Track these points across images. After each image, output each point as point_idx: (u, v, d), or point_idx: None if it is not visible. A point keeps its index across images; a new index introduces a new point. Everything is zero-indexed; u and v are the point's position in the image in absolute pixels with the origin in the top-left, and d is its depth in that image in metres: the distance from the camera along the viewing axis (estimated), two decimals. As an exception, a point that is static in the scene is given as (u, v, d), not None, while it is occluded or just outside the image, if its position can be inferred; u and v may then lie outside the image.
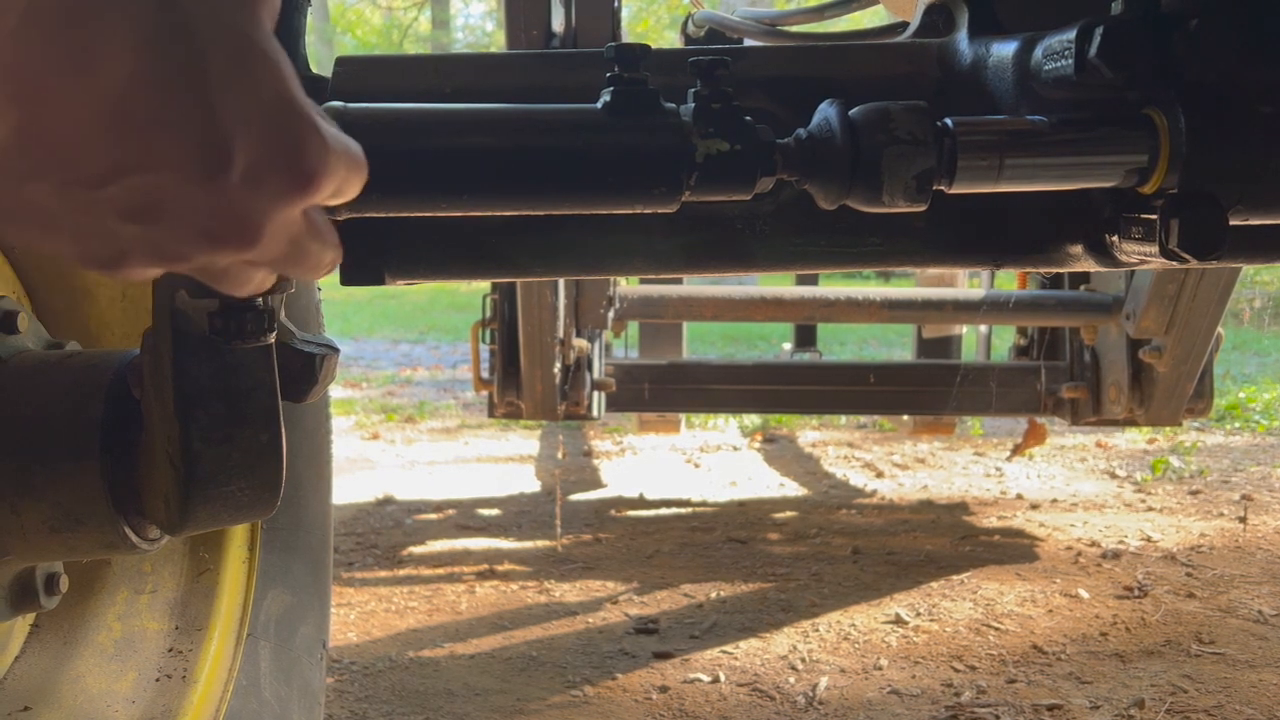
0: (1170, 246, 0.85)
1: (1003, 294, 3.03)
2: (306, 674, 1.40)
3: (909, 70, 1.05)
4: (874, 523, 3.44)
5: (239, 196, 0.50)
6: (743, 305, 3.01)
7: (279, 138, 0.50)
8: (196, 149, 0.48)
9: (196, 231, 0.51)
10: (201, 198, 0.49)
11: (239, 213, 0.51)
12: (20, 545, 0.92)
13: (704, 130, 0.81)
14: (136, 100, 0.46)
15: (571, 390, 2.88)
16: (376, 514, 3.58)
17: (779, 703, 2.08)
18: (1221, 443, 4.90)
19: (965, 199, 0.91)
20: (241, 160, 0.49)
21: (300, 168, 0.51)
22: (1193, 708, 2.03)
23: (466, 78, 1.03)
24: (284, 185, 0.51)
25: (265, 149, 0.50)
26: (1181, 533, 3.29)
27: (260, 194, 0.51)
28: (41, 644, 1.14)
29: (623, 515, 3.57)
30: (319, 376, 0.90)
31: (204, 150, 0.48)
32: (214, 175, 0.48)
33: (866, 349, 8.69)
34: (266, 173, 0.50)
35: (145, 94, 0.46)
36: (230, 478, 0.84)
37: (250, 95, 0.49)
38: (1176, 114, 0.86)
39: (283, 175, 0.51)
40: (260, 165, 0.50)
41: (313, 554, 1.45)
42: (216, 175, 0.48)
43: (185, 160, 0.48)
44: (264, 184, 0.50)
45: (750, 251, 1.03)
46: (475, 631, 2.47)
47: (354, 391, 6.61)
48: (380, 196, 0.79)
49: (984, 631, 2.43)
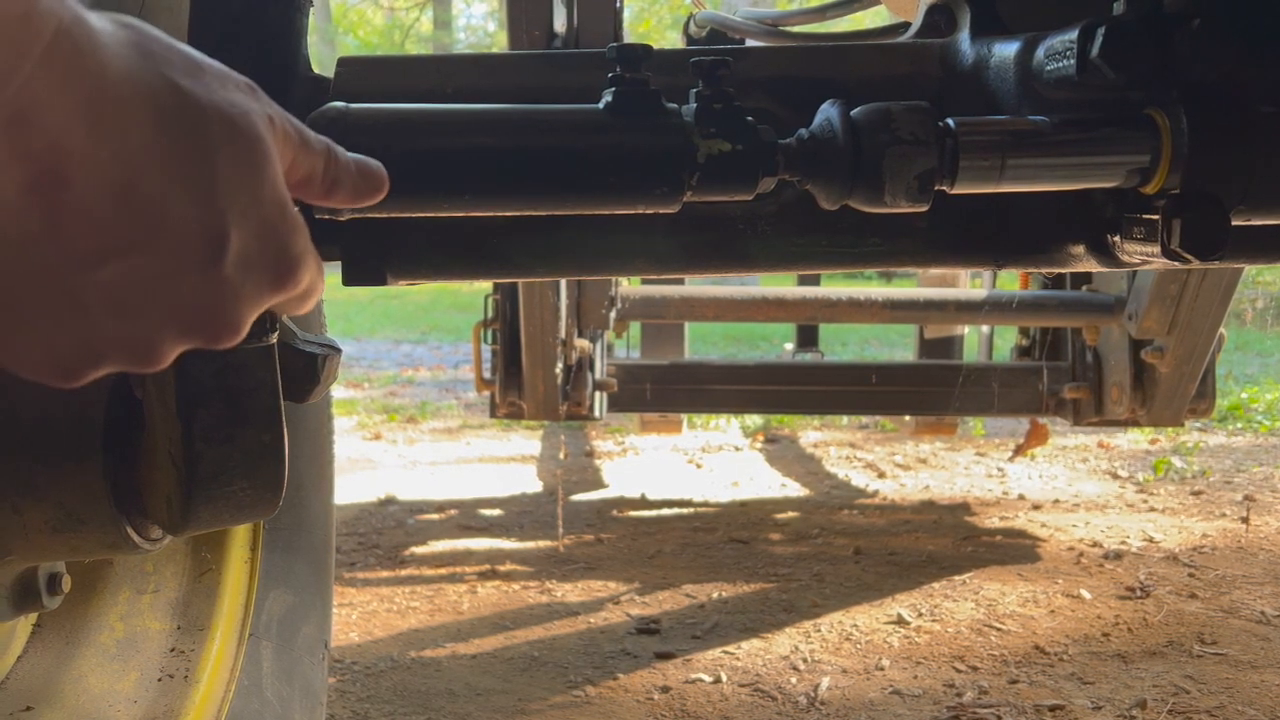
0: (1172, 247, 0.85)
1: (1005, 294, 3.03)
2: (308, 674, 1.40)
3: (911, 70, 1.05)
4: (876, 523, 3.44)
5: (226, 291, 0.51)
6: (744, 305, 3.01)
7: (270, 238, 0.52)
8: (198, 235, 0.48)
9: (182, 325, 0.51)
10: (192, 289, 0.49)
11: (223, 307, 0.52)
12: (22, 545, 0.92)
13: (706, 130, 0.81)
14: (148, 178, 0.46)
15: (573, 390, 2.89)
16: (378, 514, 3.59)
17: (781, 703, 2.08)
18: (1224, 443, 4.90)
19: (967, 199, 0.91)
20: (235, 253, 0.50)
21: (284, 266, 0.53)
22: (1195, 708, 2.02)
23: (468, 78, 1.03)
24: (267, 281, 0.53)
25: (256, 246, 0.51)
26: (1184, 533, 3.29)
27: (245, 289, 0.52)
28: (44, 644, 1.14)
29: (625, 515, 3.57)
30: (321, 377, 0.90)
31: (205, 238, 0.49)
32: (209, 263, 0.49)
33: (868, 349, 8.69)
34: (253, 268, 0.52)
35: (156, 173, 0.46)
36: (232, 478, 0.84)
37: (252, 192, 0.50)
38: (1178, 114, 0.86)
39: (268, 272, 0.53)
40: (249, 261, 0.51)
41: (315, 554, 1.45)
42: (211, 265, 0.49)
43: (185, 245, 0.48)
44: (249, 278, 0.52)
45: (752, 252, 1.03)
46: (477, 631, 2.47)
47: (356, 392, 6.61)
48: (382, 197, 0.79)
49: (986, 632, 2.43)
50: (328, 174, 0.59)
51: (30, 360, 0.49)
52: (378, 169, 0.64)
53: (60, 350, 0.49)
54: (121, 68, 0.45)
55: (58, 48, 0.42)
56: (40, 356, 0.49)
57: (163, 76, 0.47)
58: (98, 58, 0.44)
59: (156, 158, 0.46)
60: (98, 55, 0.44)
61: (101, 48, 0.44)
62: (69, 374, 0.50)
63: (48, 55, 0.42)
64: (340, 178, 0.61)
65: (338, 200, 0.62)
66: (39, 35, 0.41)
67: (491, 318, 2.80)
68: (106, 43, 0.45)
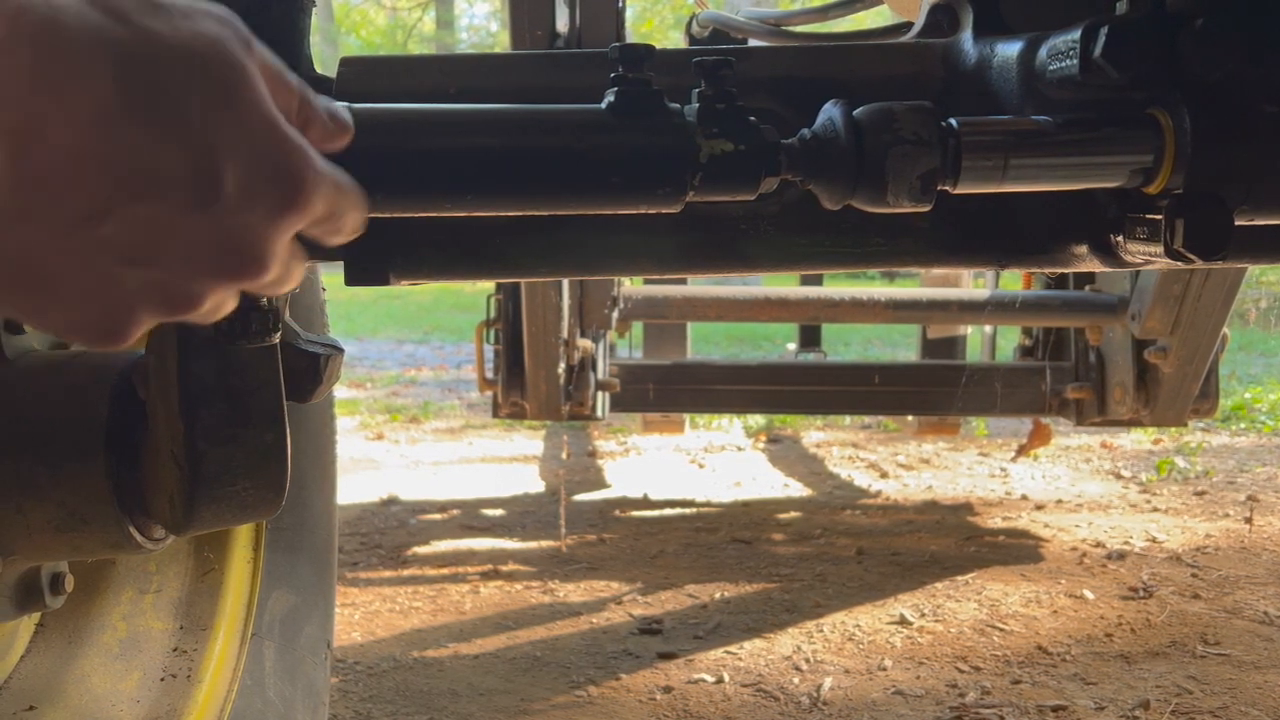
0: (1175, 247, 0.85)
1: (1007, 294, 3.03)
2: (311, 674, 1.40)
3: (913, 70, 1.05)
4: (878, 523, 3.44)
5: (236, 222, 0.50)
6: (747, 305, 3.01)
7: (266, 161, 0.51)
8: (186, 175, 0.48)
9: (204, 265, 0.51)
10: (199, 228, 0.49)
11: (241, 239, 0.51)
12: (26, 545, 0.92)
13: (708, 130, 0.81)
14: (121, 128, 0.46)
15: (576, 390, 2.89)
16: (381, 514, 3.59)
17: (783, 703, 2.07)
18: (1227, 443, 4.89)
19: (970, 199, 0.91)
20: (231, 185, 0.50)
21: (289, 186, 0.52)
22: (1198, 709, 2.02)
23: (471, 78, 1.03)
24: (276, 205, 0.52)
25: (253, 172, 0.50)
26: (1187, 534, 3.28)
27: (255, 217, 0.51)
28: (47, 643, 1.14)
29: (627, 515, 3.57)
30: (323, 376, 0.90)
31: (193, 177, 0.48)
32: (207, 202, 0.49)
33: (871, 349, 8.69)
34: (257, 194, 0.51)
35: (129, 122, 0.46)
36: (235, 478, 0.84)
37: (235, 119, 0.50)
38: (1182, 114, 0.86)
39: (273, 195, 0.52)
40: (250, 188, 0.50)
41: (317, 554, 1.45)
42: (209, 202, 0.49)
43: (176, 188, 0.48)
44: (256, 206, 0.51)
45: (754, 252, 1.03)
46: (479, 631, 2.47)
47: (358, 392, 6.62)
48: (385, 197, 0.79)
49: (988, 632, 2.43)
50: (302, 111, 0.59)
51: (71, 324, 0.50)
52: (344, 113, 0.64)
53: (94, 310, 0.49)
54: (83, 27, 0.45)
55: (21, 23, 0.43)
56: (78, 319, 0.50)
57: (120, 22, 0.47)
58: (60, 24, 0.44)
59: (131, 109, 0.46)
60: (59, 22, 0.44)
61: (62, 13, 0.45)
62: (111, 332, 0.51)
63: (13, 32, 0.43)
64: (312, 117, 0.60)
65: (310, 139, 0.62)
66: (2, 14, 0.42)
67: (494, 318, 2.80)
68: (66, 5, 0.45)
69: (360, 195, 0.61)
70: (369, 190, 0.73)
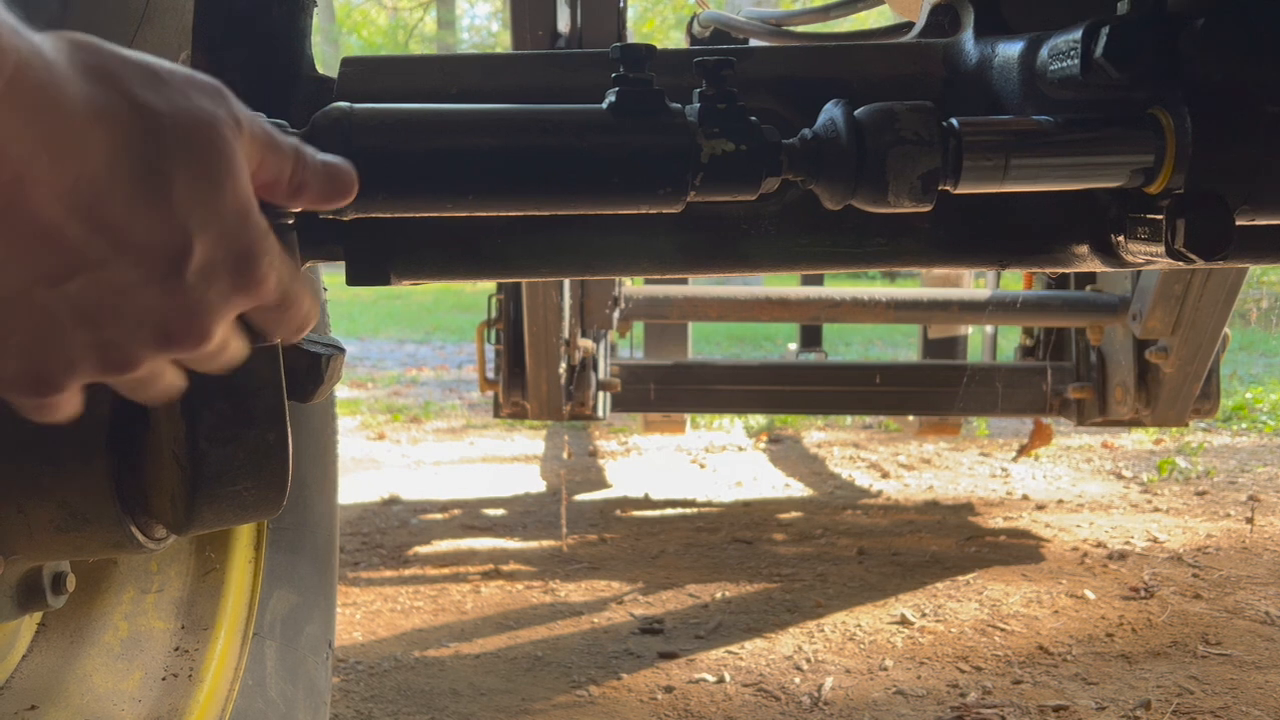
0: (1176, 246, 0.85)
1: (1009, 294, 3.03)
2: (312, 673, 1.40)
3: (914, 70, 1.05)
4: (879, 523, 3.44)
5: (192, 296, 0.52)
6: (748, 305, 3.01)
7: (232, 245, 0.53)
8: (157, 250, 0.49)
9: (150, 333, 0.52)
10: (155, 298, 0.50)
11: (190, 313, 0.52)
12: (27, 544, 0.92)
13: (709, 130, 0.81)
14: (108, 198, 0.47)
15: (577, 390, 2.89)
16: (382, 514, 3.59)
17: (784, 703, 2.07)
18: (1228, 443, 4.89)
19: (971, 199, 0.91)
20: (198, 261, 0.51)
21: (246, 271, 0.54)
22: (1199, 709, 2.02)
23: (472, 78, 1.03)
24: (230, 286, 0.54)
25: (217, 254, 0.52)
26: (1188, 534, 3.28)
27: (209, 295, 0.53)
28: (48, 643, 1.14)
29: (628, 515, 3.57)
30: (325, 376, 0.90)
31: (164, 251, 0.49)
32: (172, 274, 0.50)
33: (872, 349, 8.68)
34: (216, 275, 0.52)
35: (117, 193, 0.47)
36: (236, 477, 0.84)
37: (213, 202, 0.51)
38: (1182, 114, 0.86)
39: (229, 278, 0.53)
40: (211, 268, 0.52)
41: (318, 554, 1.45)
42: (174, 274, 0.50)
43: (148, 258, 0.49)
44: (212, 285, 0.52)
45: (755, 252, 1.03)
46: (480, 631, 2.47)
47: (360, 392, 6.62)
48: (386, 197, 0.79)
49: (989, 632, 2.43)
50: (294, 177, 0.60)
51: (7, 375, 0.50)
52: (346, 171, 0.64)
53: (35, 362, 0.50)
54: (79, 93, 0.46)
55: (17, 82, 0.43)
56: (16, 370, 0.50)
57: (121, 96, 0.48)
58: (56, 87, 0.45)
59: (117, 179, 0.47)
60: (56, 85, 0.45)
61: (59, 77, 0.45)
62: (46, 386, 0.51)
63: (9, 91, 0.43)
64: (307, 180, 0.61)
65: (304, 202, 0.62)
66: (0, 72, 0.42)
67: (495, 318, 2.80)
68: (64, 71, 0.46)
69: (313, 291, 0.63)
70: (370, 190, 0.73)
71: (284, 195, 0.60)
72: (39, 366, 0.50)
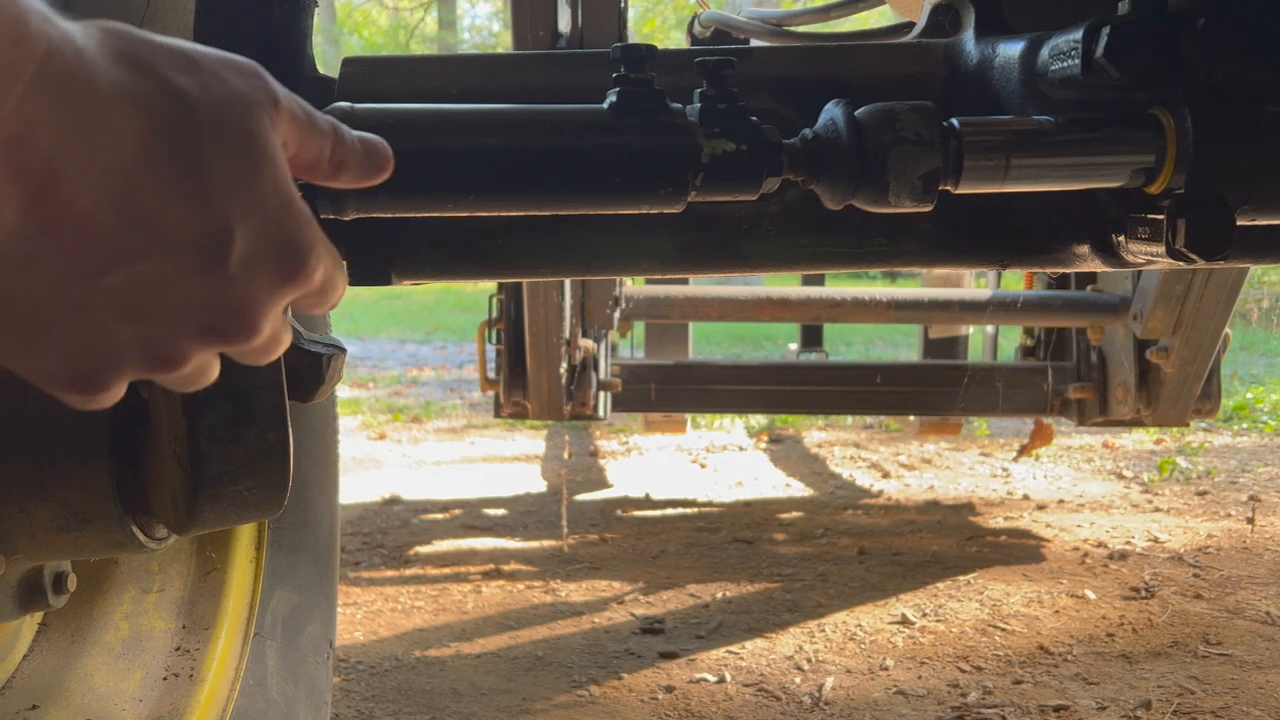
0: (1177, 246, 0.85)
1: (1009, 294, 3.03)
2: (313, 673, 1.40)
3: (915, 70, 1.05)
4: (880, 523, 3.44)
5: (237, 289, 0.50)
6: (749, 306, 3.01)
7: (275, 232, 0.51)
8: (197, 238, 0.48)
9: (197, 327, 0.50)
10: (199, 290, 0.49)
11: (237, 306, 0.51)
12: (28, 544, 0.92)
13: (710, 130, 0.81)
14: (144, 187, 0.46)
15: (577, 390, 2.89)
16: (383, 514, 3.59)
17: (785, 703, 2.08)
18: (1229, 443, 4.89)
19: (972, 199, 0.91)
20: (238, 252, 0.49)
21: (294, 260, 0.52)
22: (1200, 709, 2.02)
23: (473, 78, 1.03)
24: (278, 276, 0.52)
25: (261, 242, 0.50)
26: (1189, 534, 3.28)
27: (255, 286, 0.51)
28: (49, 642, 1.15)
29: (629, 515, 3.57)
30: (326, 376, 0.90)
31: (205, 240, 0.48)
32: (212, 266, 0.49)
33: (873, 349, 8.68)
34: (262, 264, 0.51)
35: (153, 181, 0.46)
36: (237, 477, 0.84)
37: (253, 189, 0.50)
38: (1183, 114, 0.86)
39: (277, 267, 0.52)
40: (256, 257, 0.50)
41: (319, 553, 1.45)
42: (215, 266, 0.49)
43: (187, 248, 0.48)
44: (258, 275, 0.51)
45: (756, 252, 1.03)
46: (481, 631, 2.47)
47: (361, 391, 6.62)
48: (388, 197, 0.79)
49: (990, 632, 2.43)
50: (335, 155, 0.59)
51: (52, 372, 0.49)
52: (383, 147, 0.63)
53: (79, 359, 0.49)
54: (110, 80, 0.45)
55: (48, 68, 0.42)
56: (60, 367, 0.49)
57: (153, 81, 0.47)
58: (87, 74, 0.44)
59: (152, 166, 0.46)
60: (87, 71, 0.44)
61: (90, 63, 0.44)
62: (91, 383, 0.50)
63: (38, 77, 0.42)
64: (347, 159, 0.60)
65: (345, 180, 0.61)
66: (29, 58, 0.42)
67: (496, 318, 2.80)
68: (94, 57, 0.45)
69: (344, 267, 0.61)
70: (371, 190, 0.73)
71: (325, 174, 0.59)
72: (83, 364, 0.49)
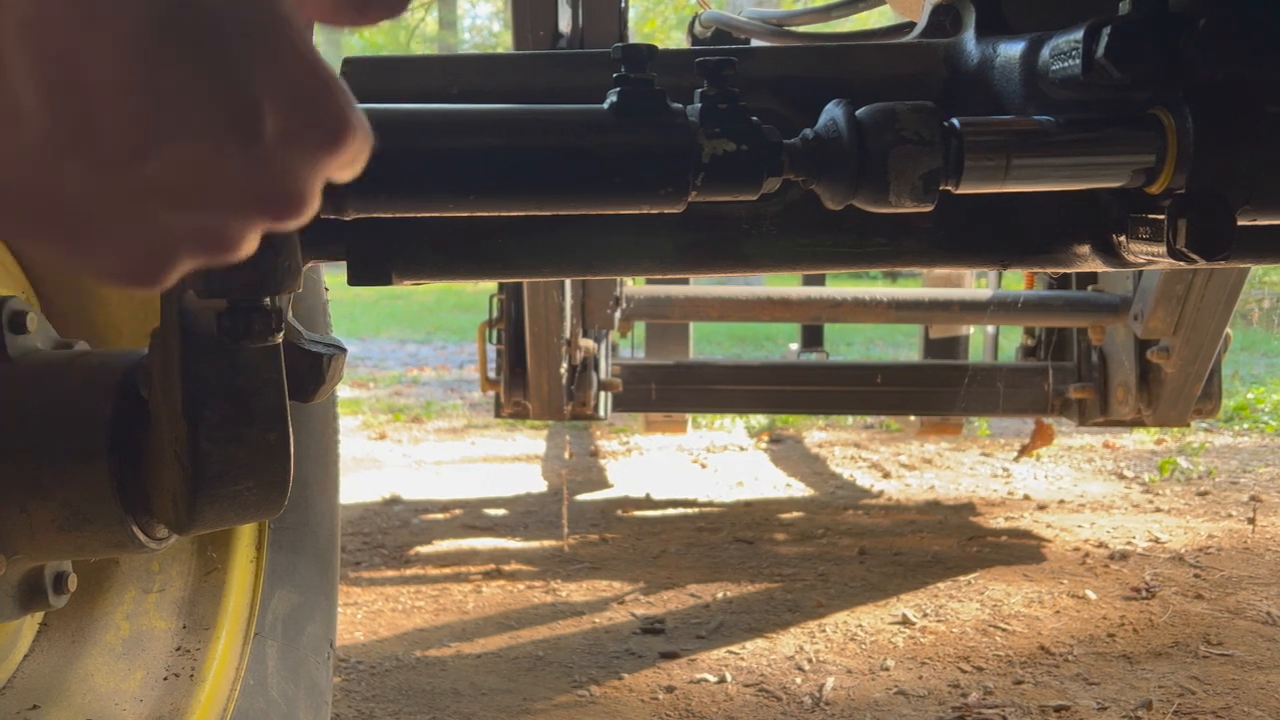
0: (1178, 247, 0.85)
1: (1010, 294, 3.02)
2: (313, 673, 1.40)
3: (916, 70, 1.05)
4: (881, 523, 3.44)
5: (278, 162, 0.50)
6: (749, 306, 3.01)
7: (305, 97, 0.50)
8: (226, 115, 0.47)
9: (245, 207, 0.50)
10: (241, 168, 0.49)
11: (283, 178, 0.50)
12: (29, 544, 0.92)
13: (711, 130, 0.81)
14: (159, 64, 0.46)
15: (578, 390, 2.89)
16: (383, 514, 3.59)
17: (785, 703, 2.07)
18: (1230, 444, 4.89)
19: (972, 199, 0.91)
20: (272, 123, 0.49)
21: (330, 124, 0.51)
22: (1200, 709, 2.02)
23: (473, 78, 1.03)
24: (317, 143, 0.51)
25: (293, 109, 0.50)
26: (1189, 534, 3.28)
27: (296, 155, 0.50)
28: (50, 642, 1.15)
29: (629, 515, 3.57)
30: (326, 376, 0.90)
31: (234, 115, 0.48)
32: (248, 141, 0.48)
33: (873, 349, 8.68)
34: (298, 133, 0.50)
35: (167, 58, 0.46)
36: (238, 477, 0.84)
37: (273, 59, 0.49)
38: (1184, 114, 0.86)
39: (314, 133, 0.51)
40: (291, 126, 0.50)
41: (320, 553, 1.45)
42: (250, 141, 0.48)
43: (217, 127, 0.47)
44: (297, 145, 0.50)
45: (756, 252, 1.03)
46: (482, 631, 2.47)
47: (361, 391, 6.62)
48: (388, 197, 0.79)
49: (991, 632, 2.43)
50: None
51: (110, 267, 0.49)
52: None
53: (135, 253, 0.49)
54: None
55: None
56: (118, 261, 0.49)
57: None
58: None
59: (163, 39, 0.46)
60: None
61: None
62: (151, 276, 0.50)
63: None
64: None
65: (373, 15, 0.60)
66: None
67: (496, 318, 2.80)
68: None
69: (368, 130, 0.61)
70: (372, 190, 0.73)
71: (353, 13, 0.59)
72: (142, 256, 0.49)
